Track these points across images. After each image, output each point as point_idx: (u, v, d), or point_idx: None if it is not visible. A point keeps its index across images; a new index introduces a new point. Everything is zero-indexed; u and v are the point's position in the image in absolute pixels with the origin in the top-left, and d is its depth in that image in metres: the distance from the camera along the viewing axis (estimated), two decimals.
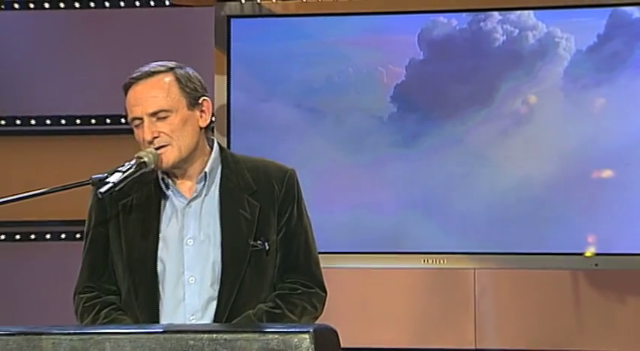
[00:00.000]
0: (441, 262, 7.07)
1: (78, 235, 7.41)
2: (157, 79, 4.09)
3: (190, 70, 4.16)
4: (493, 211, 7.04)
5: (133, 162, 4.01)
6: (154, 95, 4.06)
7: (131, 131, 4.13)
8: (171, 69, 4.11)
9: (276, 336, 3.58)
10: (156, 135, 4.05)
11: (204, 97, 4.14)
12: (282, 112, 7.11)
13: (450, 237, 7.07)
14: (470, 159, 7.07)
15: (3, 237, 7.90)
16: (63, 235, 7.80)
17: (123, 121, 7.36)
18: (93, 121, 7.78)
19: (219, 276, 4.10)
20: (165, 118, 4.05)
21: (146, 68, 4.12)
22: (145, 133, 4.05)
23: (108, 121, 7.73)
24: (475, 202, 7.05)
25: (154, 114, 4.05)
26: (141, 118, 4.06)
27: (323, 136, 7.12)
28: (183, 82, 4.10)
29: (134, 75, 4.10)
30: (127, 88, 4.10)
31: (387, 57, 7.12)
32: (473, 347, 7.29)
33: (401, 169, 7.11)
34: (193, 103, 4.11)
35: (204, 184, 4.14)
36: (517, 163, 7.06)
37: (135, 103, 4.07)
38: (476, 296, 7.29)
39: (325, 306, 4.22)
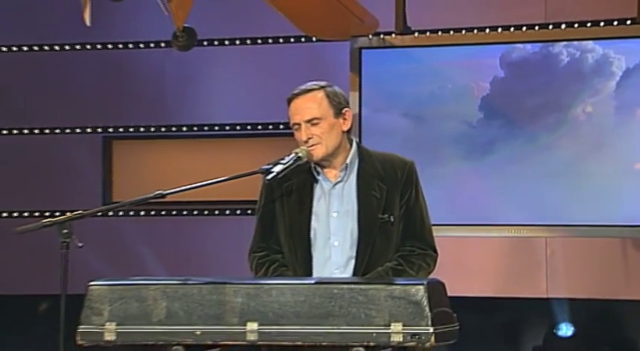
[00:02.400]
0: (521, 231, 6.94)
1: (249, 211, 7.40)
2: (312, 94, 4.13)
3: (336, 88, 4.20)
4: (559, 191, 6.88)
5: (291, 156, 4.07)
6: (309, 107, 4.11)
7: (283, 134, 4.14)
8: (323, 87, 4.15)
9: (399, 287, 3.60)
10: (310, 136, 4.09)
11: (346, 108, 4.17)
12: (394, 120, 7.09)
13: (526, 211, 6.94)
14: (540, 153, 6.92)
15: (196, 212, 7.97)
16: (238, 211, 7.82)
17: (282, 127, 7.35)
18: (259, 126, 7.83)
19: (356, 241, 4.09)
20: (317, 124, 4.10)
21: (304, 86, 4.16)
22: (302, 134, 4.10)
23: (270, 127, 7.73)
24: (545, 184, 6.89)
25: (309, 121, 4.10)
26: (299, 124, 4.11)
27: (426, 137, 7.07)
28: (331, 97, 4.13)
29: (295, 91, 4.15)
30: (289, 101, 4.15)
31: (477, 75, 7.04)
32: (545, 296, 7.18)
33: (487, 163, 7.00)
34: (338, 112, 4.13)
35: (345, 172, 4.15)
36: (577, 156, 6.89)
37: (295, 112, 4.12)
38: (547, 258, 7.20)
39: (436, 264, 4.17)
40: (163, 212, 8.01)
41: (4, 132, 8.20)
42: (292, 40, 7.75)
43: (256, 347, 3.74)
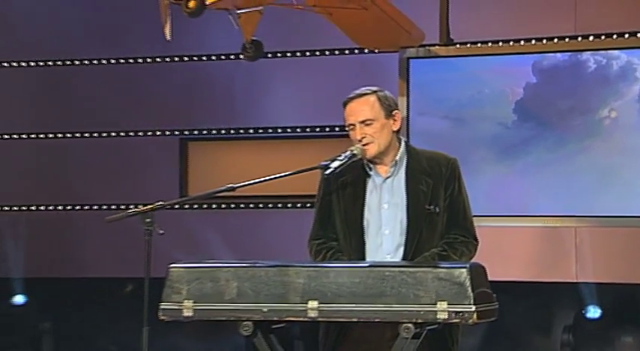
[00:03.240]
0: (552, 222, 6.91)
1: (308, 205, 7.39)
2: (365, 98, 4.09)
3: (387, 92, 4.16)
4: (587, 185, 6.80)
5: (347, 153, 4.05)
6: (363, 109, 4.07)
7: (338, 136, 4.14)
8: (375, 92, 4.11)
9: (444, 269, 3.61)
10: (363, 136, 4.06)
11: (396, 111, 4.13)
12: (436, 122, 7.03)
13: (557, 204, 6.88)
14: (569, 151, 6.84)
15: (261, 205, 7.96)
16: (298, 205, 7.79)
17: (337, 129, 7.34)
18: (317, 129, 7.82)
19: (405, 229, 4.05)
20: (370, 124, 4.06)
21: (358, 91, 4.12)
22: (357, 134, 4.06)
23: (327, 129, 7.72)
24: (574, 180, 6.81)
25: (362, 121, 4.06)
26: (354, 124, 4.08)
27: (465, 137, 7.00)
28: (382, 100, 4.09)
29: (350, 95, 4.11)
30: (345, 104, 4.11)
31: (511, 81, 6.96)
32: (574, 280, 7.10)
33: (521, 160, 6.93)
34: (388, 114, 4.09)
35: (395, 168, 4.11)
36: (603, 153, 6.80)
37: (350, 114, 4.09)
38: (576, 246, 7.10)
39: (477, 251, 4.13)
40: (232, 205, 8.03)
41: (95, 135, 8.28)
42: (347, 52, 7.73)
43: (316, 323, 3.80)
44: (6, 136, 8.38)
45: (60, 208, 8.31)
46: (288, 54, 7.88)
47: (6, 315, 8.15)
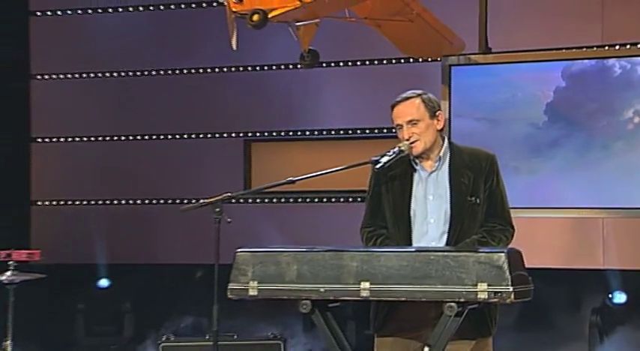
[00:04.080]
0: (581, 213, 6.82)
1: (359, 199, 7.33)
2: (411, 101, 4.05)
3: (430, 95, 4.12)
4: (613, 179, 6.69)
5: (395, 150, 4.01)
6: (409, 111, 4.03)
7: (387, 137, 4.11)
8: (419, 95, 4.07)
9: (484, 254, 3.59)
10: (410, 134, 4.02)
11: (439, 111, 4.08)
12: (473, 123, 6.93)
13: (585, 196, 6.77)
14: (597, 149, 6.74)
15: (316, 200, 7.92)
16: (350, 199, 7.74)
17: (385, 131, 7.30)
18: (367, 130, 7.77)
19: (449, 219, 4.01)
20: (416, 124, 4.02)
21: (404, 94, 4.08)
22: (404, 133, 4.03)
23: (376, 130, 7.67)
24: (602, 174, 6.71)
25: (409, 122, 4.03)
26: (401, 125, 4.05)
27: (500, 137, 6.91)
28: (426, 102, 4.05)
29: (397, 99, 4.08)
30: (392, 106, 4.08)
31: (543, 85, 6.85)
32: (602, 267, 6.98)
33: (552, 157, 6.84)
34: (432, 115, 4.05)
35: (439, 163, 4.07)
36: (628, 150, 6.68)
37: (398, 115, 4.06)
38: (603, 235, 6.99)
39: (513, 238, 4.08)
40: (291, 200, 8.03)
41: (169, 137, 8.34)
42: (394, 61, 7.68)
43: (367, 303, 3.81)
44: (92, 139, 8.47)
45: (138, 202, 8.38)
46: (341, 63, 7.85)
47: (93, 296, 8.24)
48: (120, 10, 8.31)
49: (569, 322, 7.29)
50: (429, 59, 7.38)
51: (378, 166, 4.00)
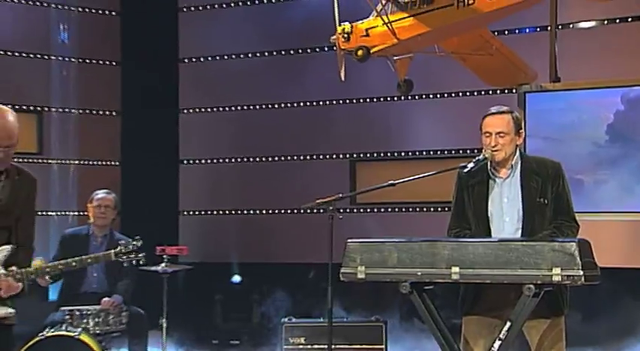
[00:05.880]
0: (638, 217, 6.53)
1: (439, 209, 7.27)
2: (503, 115, 3.98)
3: (519, 115, 4.09)
4: None
5: (479, 157, 3.95)
6: (500, 123, 3.96)
7: (469, 156, 4.04)
8: (511, 112, 4.01)
9: (557, 243, 3.56)
10: (495, 144, 3.94)
11: (521, 129, 4.02)
12: (540, 142, 6.65)
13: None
14: None
15: (411, 210, 7.81)
16: (439, 209, 7.52)
17: (468, 151, 7.12)
18: (453, 151, 7.61)
19: (522, 217, 3.92)
20: (503, 136, 3.94)
21: (499, 108, 4.02)
22: (492, 141, 3.94)
23: (461, 151, 7.50)
24: None
25: (498, 133, 3.94)
26: (490, 133, 3.95)
27: (565, 154, 6.49)
28: (515, 120, 3.98)
29: (492, 111, 4.00)
30: (485, 116, 4.00)
31: (604, 109, 6.59)
32: None
33: (612, 173, 6.57)
34: (517, 132, 3.98)
35: (512, 170, 3.99)
36: None
37: (489, 125, 3.97)
38: None
39: (578, 232, 3.96)
40: (389, 209, 7.99)
41: (289, 158, 8.38)
42: (475, 93, 7.55)
43: (456, 286, 3.77)
44: (227, 160, 8.61)
45: (264, 212, 8.46)
46: (430, 96, 7.78)
47: (228, 290, 8.34)
48: (249, 55, 8.47)
49: (629, 314, 6.99)
50: (505, 91, 7.23)
51: (464, 171, 3.96)
